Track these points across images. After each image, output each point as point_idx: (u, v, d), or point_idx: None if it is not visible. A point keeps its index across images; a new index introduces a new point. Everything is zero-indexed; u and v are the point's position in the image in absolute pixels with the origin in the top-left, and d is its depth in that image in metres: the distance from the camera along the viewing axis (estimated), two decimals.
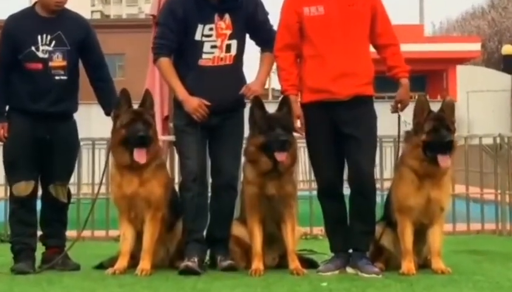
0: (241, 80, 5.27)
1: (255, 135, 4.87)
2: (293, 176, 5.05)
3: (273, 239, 5.04)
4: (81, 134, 5.57)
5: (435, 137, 4.75)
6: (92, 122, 12.83)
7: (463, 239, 7.19)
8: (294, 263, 4.88)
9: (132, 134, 4.88)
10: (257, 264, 4.85)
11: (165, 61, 5.19)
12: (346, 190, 5.02)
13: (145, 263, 4.88)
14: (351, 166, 4.93)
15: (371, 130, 4.98)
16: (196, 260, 4.96)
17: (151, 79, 7.09)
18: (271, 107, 5.00)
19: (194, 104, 5.06)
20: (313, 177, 5.56)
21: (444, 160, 4.72)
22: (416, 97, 5.01)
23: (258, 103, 4.92)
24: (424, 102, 4.89)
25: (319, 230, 7.18)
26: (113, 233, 7.17)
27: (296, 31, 4.99)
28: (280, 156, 4.74)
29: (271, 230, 5.01)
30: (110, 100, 5.27)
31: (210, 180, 5.38)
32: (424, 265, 4.97)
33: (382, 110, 5.47)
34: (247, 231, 5.00)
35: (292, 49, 5.01)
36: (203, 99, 5.06)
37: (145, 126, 4.92)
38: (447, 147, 4.73)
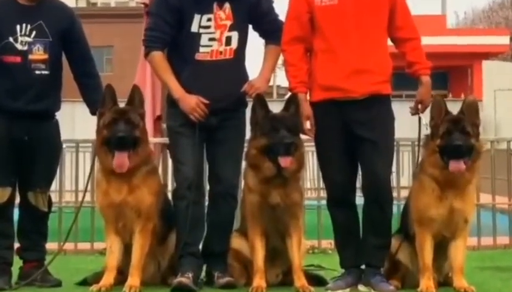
0: (243, 76, 5.27)
1: (256, 138, 4.87)
2: (299, 183, 5.05)
3: (277, 254, 5.04)
4: (64, 135, 5.58)
5: (447, 141, 4.74)
6: (76, 122, 12.89)
7: (489, 254, 7.19)
8: (300, 280, 4.87)
9: (113, 135, 4.87)
10: (259, 281, 4.84)
11: (158, 55, 5.19)
12: (359, 199, 5.02)
13: (133, 279, 4.87)
14: (365, 172, 4.93)
15: (388, 132, 4.99)
16: (190, 275, 4.96)
17: (142, 74, 7.11)
18: (276, 107, 5.00)
19: (192, 103, 5.05)
20: (322, 185, 5.57)
21: (454, 165, 4.69)
22: (432, 97, 5.00)
23: (260, 102, 4.92)
24: (441, 102, 4.88)
25: (328, 243, 7.17)
26: (98, 245, 7.17)
27: (306, 22, 4.99)
28: (284, 161, 4.73)
29: (275, 243, 5.01)
30: (96, 98, 5.25)
31: (207, 187, 5.39)
32: (444, 283, 4.97)
33: (400, 110, 5.47)
34: (248, 244, 5.00)
35: (301, 42, 5.02)
36: (200, 97, 5.06)
37: (128, 126, 4.90)
38: (459, 152, 4.69)
